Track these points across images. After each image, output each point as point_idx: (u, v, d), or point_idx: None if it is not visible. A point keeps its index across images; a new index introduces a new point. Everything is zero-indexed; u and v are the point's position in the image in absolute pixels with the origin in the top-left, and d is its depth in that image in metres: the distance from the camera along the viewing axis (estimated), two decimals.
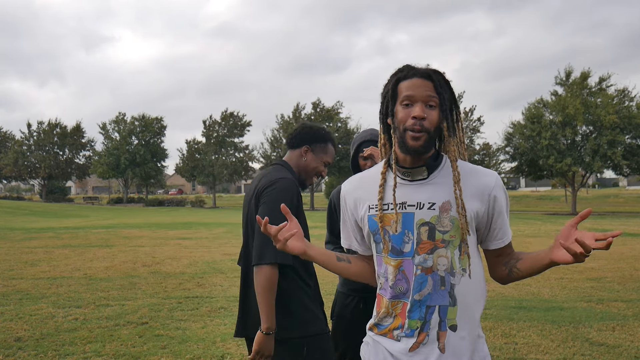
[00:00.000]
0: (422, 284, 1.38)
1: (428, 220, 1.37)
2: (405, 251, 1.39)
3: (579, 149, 31.19)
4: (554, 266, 1.39)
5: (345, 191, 1.55)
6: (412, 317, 1.38)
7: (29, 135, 51.78)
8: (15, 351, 3.87)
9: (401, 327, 1.40)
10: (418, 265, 1.38)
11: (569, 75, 31.63)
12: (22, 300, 5.65)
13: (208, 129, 46.18)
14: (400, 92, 1.37)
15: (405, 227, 1.38)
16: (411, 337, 1.38)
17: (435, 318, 1.37)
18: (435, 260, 1.37)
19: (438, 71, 1.39)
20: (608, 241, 1.22)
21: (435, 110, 1.35)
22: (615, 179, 79.20)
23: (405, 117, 1.35)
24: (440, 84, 1.36)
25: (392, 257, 1.40)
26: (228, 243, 12.12)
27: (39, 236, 14.01)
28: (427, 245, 1.37)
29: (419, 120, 1.33)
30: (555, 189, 63.28)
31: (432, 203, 1.37)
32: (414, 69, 1.39)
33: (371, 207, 1.44)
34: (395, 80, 1.40)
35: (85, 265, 8.33)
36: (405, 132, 1.35)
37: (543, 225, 19.05)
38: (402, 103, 1.36)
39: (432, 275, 1.37)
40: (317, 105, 42.65)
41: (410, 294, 1.38)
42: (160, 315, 4.97)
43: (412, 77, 1.37)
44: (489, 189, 1.40)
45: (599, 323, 4.71)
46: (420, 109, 1.33)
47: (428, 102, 1.34)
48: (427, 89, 1.35)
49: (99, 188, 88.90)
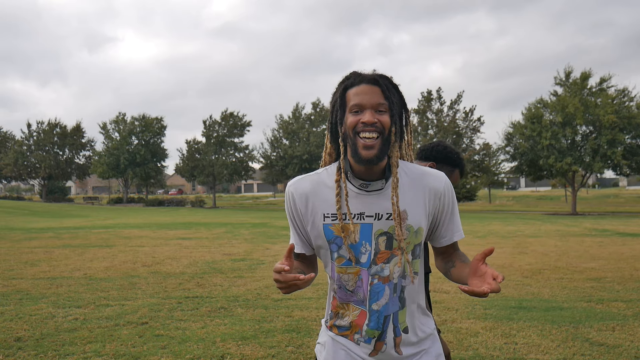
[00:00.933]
0: (379, 294, 1.40)
1: (386, 230, 1.39)
2: (362, 261, 1.40)
3: (579, 148, 31.20)
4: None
5: (295, 194, 1.46)
6: (370, 327, 1.42)
7: (29, 135, 51.81)
8: (15, 351, 3.87)
9: (360, 333, 1.43)
10: (374, 275, 1.40)
11: (568, 75, 31.64)
12: (22, 300, 5.65)
13: (208, 129, 46.20)
14: (349, 100, 1.36)
15: (362, 238, 1.39)
16: (369, 343, 1.43)
17: (390, 326, 1.42)
18: (392, 269, 1.40)
19: (385, 76, 1.39)
20: (498, 282, 1.24)
21: (386, 114, 1.34)
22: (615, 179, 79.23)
23: (355, 122, 1.34)
24: (388, 88, 1.36)
25: (349, 265, 1.41)
26: (228, 243, 12.13)
27: (39, 236, 14.01)
28: (384, 254, 1.39)
29: (370, 125, 1.32)
30: (555, 189, 63.29)
31: (389, 213, 1.38)
32: (360, 75, 1.38)
33: (326, 216, 1.41)
34: (342, 88, 1.39)
35: (85, 265, 8.33)
36: (357, 139, 1.33)
37: (543, 225, 19.04)
38: (351, 111, 1.35)
39: (389, 284, 1.40)
40: (316, 105, 42.66)
41: (367, 303, 1.41)
42: (160, 315, 4.97)
43: (359, 84, 1.36)
44: (439, 191, 1.43)
45: (599, 323, 4.71)
46: (371, 114, 1.33)
47: (377, 108, 1.34)
48: (375, 95, 1.34)
49: (99, 188, 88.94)
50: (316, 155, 40.12)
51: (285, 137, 42.54)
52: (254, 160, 46.31)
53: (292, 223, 1.49)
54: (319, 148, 40.18)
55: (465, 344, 4.10)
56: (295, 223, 1.48)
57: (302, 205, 1.45)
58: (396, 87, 1.40)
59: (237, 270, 7.88)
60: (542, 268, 8.05)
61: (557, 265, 8.38)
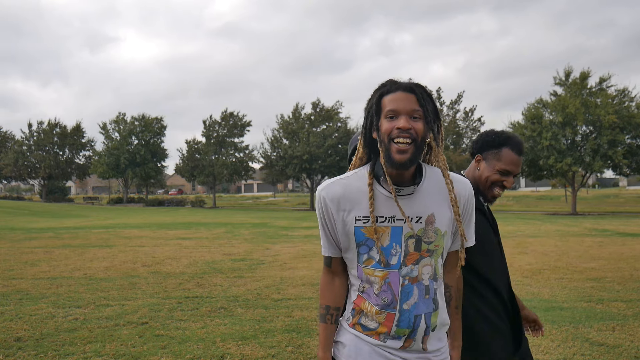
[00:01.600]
0: (409, 294, 1.45)
1: (415, 232, 1.43)
2: (392, 263, 1.44)
3: (579, 149, 31.19)
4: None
5: (327, 198, 1.49)
6: (400, 326, 1.45)
7: (29, 135, 51.78)
8: (15, 351, 3.87)
9: (387, 333, 1.47)
10: (405, 276, 1.44)
11: (568, 75, 31.61)
12: (22, 300, 5.66)
13: (208, 129, 46.17)
14: (384, 106, 1.41)
15: (393, 240, 1.43)
16: (398, 340, 1.47)
17: (422, 326, 1.46)
18: (420, 270, 1.45)
19: (420, 85, 1.43)
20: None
21: (420, 121, 1.39)
22: (615, 179, 79.21)
23: (391, 128, 1.38)
24: (423, 96, 1.40)
25: (378, 267, 1.45)
26: (228, 243, 12.13)
27: (39, 236, 14.01)
28: (413, 256, 1.44)
29: (405, 131, 1.36)
30: (555, 189, 63.28)
31: (419, 217, 1.44)
32: (396, 83, 1.43)
33: (358, 219, 1.45)
34: (379, 95, 1.44)
35: (85, 265, 8.33)
36: (391, 144, 1.37)
37: (543, 225, 19.05)
38: (386, 116, 1.40)
39: (418, 284, 1.45)
40: (316, 105, 42.64)
41: (397, 304, 1.45)
42: (160, 315, 4.97)
43: (395, 91, 1.40)
44: (464, 197, 1.50)
45: (599, 323, 4.71)
46: (406, 120, 1.36)
47: (412, 114, 1.38)
48: (410, 102, 1.38)
49: (99, 188, 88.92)
50: (316, 155, 40.07)
51: (285, 137, 42.49)
52: (254, 160, 46.27)
53: (323, 226, 1.53)
54: (318, 148, 40.15)
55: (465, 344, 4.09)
56: (327, 226, 1.52)
57: (334, 209, 1.48)
58: (431, 97, 1.44)
59: (237, 270, 7.88)
60: (542, 268, 8.05)
61: (557, 265, 8.38)
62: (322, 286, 1.58)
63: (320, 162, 40.18)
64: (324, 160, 40.29)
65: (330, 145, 40.11)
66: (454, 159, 33.58)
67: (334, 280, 1.57)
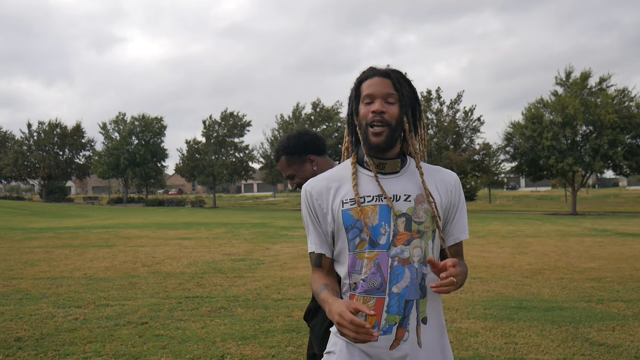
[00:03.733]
0: (399, 276, 1.39)
1: (405, 211, 1.41)
2: (381, 243, 1.40)
3: (579, 148, 31.19)
4: None
5: (312, 190, 1.48)
6: (390, 312, 1.39)
7: (29, 135, 51.79)
8: (15, 351, 3.87)
9: (377, 325, 1.39)
10: (395, 257, 1.39)
11: (569, 75, 31.62)
12: (22, 300, 5.65)
13: (208, 129, 46.19)
14: (362, 92, 1.44)
15: (381, 219, 1.41)
16: (389, 333, 1.39)
17: (414, 313, 1.40)
18: (412, 252, 1.41)
19: (397, 70, 1.47)
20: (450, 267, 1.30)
21: (395, 105, 1.41)
22: (615, 179, 79.23)
23: (366, 112, 1.41)
24: (399, 80, 1.43)
25: (368, 249, 1.41)
26: (228, 243, 12.12)
27: (39, 236, 14.01)
28: (403, 236, 1.40)
29: (378, 114, 1.38)
30: (555, 189, 63.30)
31: (407, 195, 1.43)
32: (374, 69, 1.46)
33: (344, 202, 1.44)
34: (358, 81, 1.47)
35: (85, 265, 8.33)
36: (368, 128, 1.40)
37: (543, 225, 19.04)
38: (363, 101, 1.43)
39: (409, 267, 1.40)
40: (316, 105, 42.63)
41: (386, 287, 1.39)
42: (160, 315, 4.97)
43: (372, 77, 1.44)
44: (451, 185, 1.49)
45: (599, 323, 4.71)
46: (380, 103, 1.39)
47: (387, 98, 1.41)
48: (385, 86, 1.41)
49: (99, 188, 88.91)
50: None
51: None
52: (254, 160, 46.29)
53: (312, 221, 1.49)
54: None
55: (465, 344, 4.10)
56: (315, 219, 1.48)
57: (320, 199, 1.48)
58: (408, 82, 1.47)
59: (237, 270, 7.88)
60: (542, 268, 8.05)
61: (557, 265, 8.38)
62: (314, 280, 1.49)
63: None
64: None
65: (330, 145, 40.12)
66: (454, 159, 33.54)
67: (327, 276, 1.48)
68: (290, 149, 2.04)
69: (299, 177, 2.02)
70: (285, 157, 2.05)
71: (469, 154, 36.28)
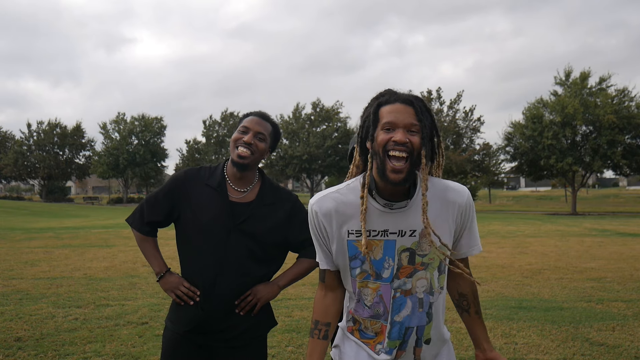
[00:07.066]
0: (401, 306, 1.43)
1: (409, 246, 1.41)
2: (384, 277, 1.42)
3: (579, 148, 31.18)
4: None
5: (320, 212, 1.46)
6: (391, 338, 1.45)
7: (29, 135, 51.77)
8: (15, 351, 3.87)
9: (382, 344, 1.47)
10: (397, 289, 1.43)
11: (568, 75, 31.62)
12: (22, 300, 5.65)
13: (208, 129, 46.21)
14: (382, 117, 1.36)
15: (386, 254, 1.41)
16: (390, 354, 1.47)
17: (413, 337, 1.46)
18: (414, 283, 1.43)
19: (419, 97, 1.39)
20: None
21: (417, 135, 1.34)
22: (615, 179, 79.20)
23: (386, 140, 1.33)
24: (422, 110, 1.36)
25: (369, 280, 1.44)
26: None
27: (39, 236, 14.00)
28: (407, 269, 1.42)
29: (401, 144, 1.31)
30: (555, 189, 63.30)
31: (412, 230, 1.40)
32: (395, 94, 1.38)
33: (351, 232, 1.42)
34: (377, 104, 1.39)
35: (85, 265, 8.33)
36: (386, 159, 1.32)
37: (543, 225, 19.04)
38: (383, 128, 1.34)
39: (411, 297, 1.43)
40: (316, 105, 42.64)
41: (388, 316, 1.44)
42: (160, 315, 4.96)
43: (394, 102, 1.36)
44: (462, 206, 1.45)
45: (599, 323, 4.71)
46: (402, 134, 1.32)
47: (409, 128, 1.33)
48: (409, 115, 1.33)
49: (99, 188, 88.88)
50: (316, 155, 40.09)
51: (285, 137, 42.51)
52: None
53: (317, 240, 1.51)
54: (318, 148, 40.16)
55: (465, 344, 4.10)
56: (320, 240, 1.49)
57: (326, 223, 1.45)
58: (429, 110, 1.40)
59: None
60: (542, 268, 8.05)
61: (557, 265, 8.38)
62: (315, 301, 1.57)
63: (320, 162, 40.20)
64: (323, 161, 40.31)
65: (330, 145, 40.13)
66: (454, 159, 33.52)
67: (326, 296, 1.55)
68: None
69: (256, 148, 2.01)
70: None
71: (469, 154, 36.27)
